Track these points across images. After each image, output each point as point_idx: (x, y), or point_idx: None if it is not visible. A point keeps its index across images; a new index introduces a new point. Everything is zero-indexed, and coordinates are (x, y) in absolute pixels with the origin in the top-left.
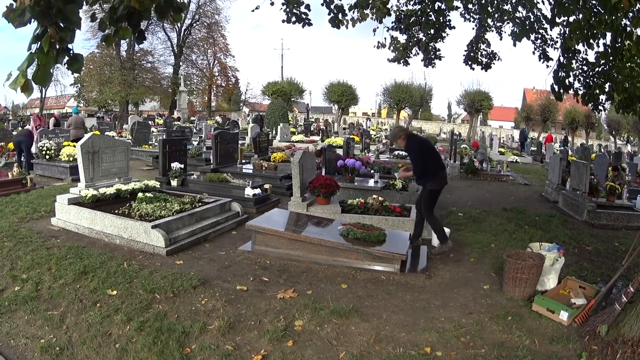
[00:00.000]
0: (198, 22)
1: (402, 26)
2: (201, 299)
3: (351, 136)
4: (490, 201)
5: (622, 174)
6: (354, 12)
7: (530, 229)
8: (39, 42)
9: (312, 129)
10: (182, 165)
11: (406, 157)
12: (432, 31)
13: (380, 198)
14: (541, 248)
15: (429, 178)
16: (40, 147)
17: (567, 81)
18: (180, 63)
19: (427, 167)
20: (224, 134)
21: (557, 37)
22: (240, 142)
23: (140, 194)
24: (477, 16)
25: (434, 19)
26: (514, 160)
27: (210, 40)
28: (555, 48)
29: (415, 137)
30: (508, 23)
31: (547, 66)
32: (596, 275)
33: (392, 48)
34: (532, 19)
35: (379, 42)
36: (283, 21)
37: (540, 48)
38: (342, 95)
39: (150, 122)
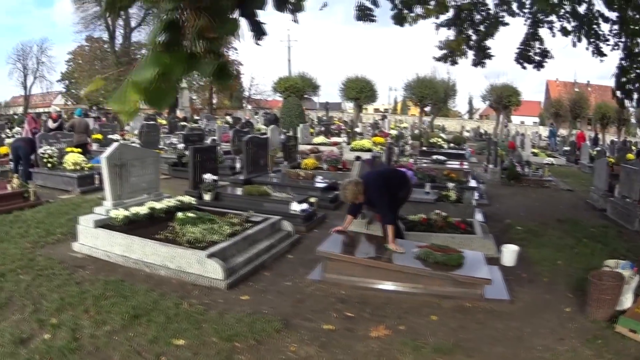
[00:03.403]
0: None
1: (457, 22)
2: (288, 344)
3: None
4: (541, 211)
5: None
6: (416, 7)
7: (589, 242)
8: (165, 35)
9: (332, 129)
10: (216, 177)
11: (445, 161)
12: (482, 27)
13: (443, 213)
14: (617, 266)
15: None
16: (41, 154)
17: (627, 87)
18: None
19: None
20: (255, 140)
21: (608, 34)
22: None
23: (179, 214)
24: (528, 10)
25: (485, 15)
26: (550, 163)
27: None
28: (607, 44)
29: (370, 182)
30: (560, 20)
31: (601, 61)
32: None
33: (442, 46)
34: (589, 16)
35: (441, 42)
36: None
37: (594, 43)
38: (361, 92)
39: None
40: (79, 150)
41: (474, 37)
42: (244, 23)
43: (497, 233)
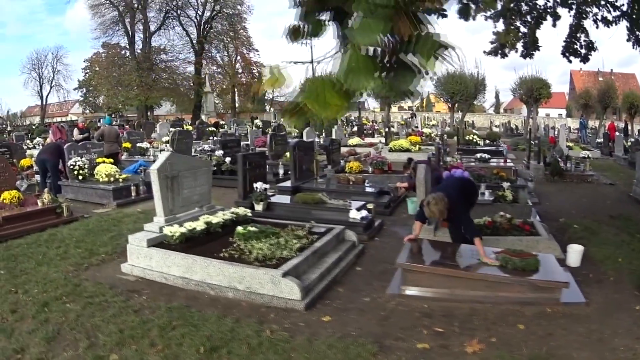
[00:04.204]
0: (219, 14)
1: (506, 14)
2: None
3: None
4: (591, 208)
5: None
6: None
7: None
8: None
9: (365, 129)
10: (268, 186)
11: (489, 159)
12: (528, 18)
13: (507, 215)
14: None
15: None
16: (71, 166)
17: None
18: (203, 61)
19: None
20: (302, 144)
21: None
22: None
23: (240, 228)
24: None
25: (532, 5)
26: (587, 156)
27: (230, 33)
28: None
29: (453, 196)
30: (601, 9)
31: None
32: None
33: (494, 40)
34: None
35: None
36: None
37: (633, 36)
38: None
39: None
40: (111, 160)
41: (522, 29)
42: None
43: (555, 232)
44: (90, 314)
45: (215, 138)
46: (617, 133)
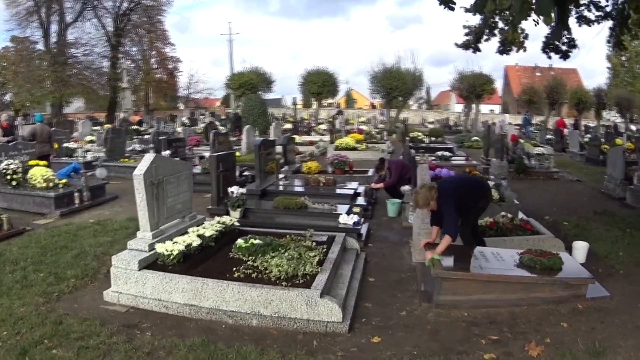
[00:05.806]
0: (139, 5)
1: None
2: None
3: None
4: (569, 205)
5: None
6: None
7: (633, 232)
8: None
9: (301, 127)
10: (244, 190)
11: (450, 157)
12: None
13: (509, 215)
14: None
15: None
16: (4, 170)
17: None
18: (119, 55)
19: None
20: (267, 143)
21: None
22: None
23: (240, 241)
24: None
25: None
26: (542, 153)
27: (146, 26)
28: (630, 35)
29: (444, 189)
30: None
31: (622, 55)
32: None
33: (467, 32)
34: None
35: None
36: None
37: (615, 39)
38: (323, 86)
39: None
40: (45, 162)
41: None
42: None
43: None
44: None
45: (141, 136)
46: (566, 129)
